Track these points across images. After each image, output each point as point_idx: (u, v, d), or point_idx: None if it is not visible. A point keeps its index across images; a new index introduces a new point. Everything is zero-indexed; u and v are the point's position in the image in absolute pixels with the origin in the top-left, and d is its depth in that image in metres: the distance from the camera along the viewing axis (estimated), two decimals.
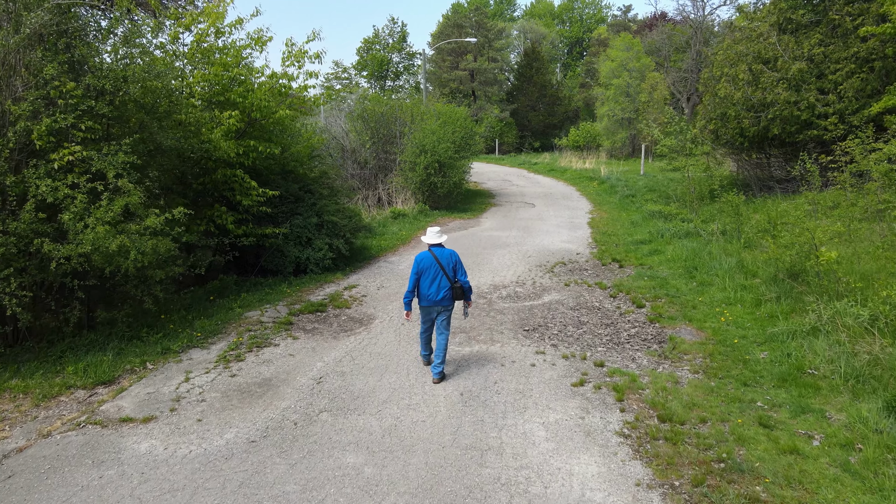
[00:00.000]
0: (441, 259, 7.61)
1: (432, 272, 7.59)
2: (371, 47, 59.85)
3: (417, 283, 7.70)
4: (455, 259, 7.72)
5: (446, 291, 7.59)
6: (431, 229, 7.82)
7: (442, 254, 7.68)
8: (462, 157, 23.64)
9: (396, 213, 20.40)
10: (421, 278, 7.64)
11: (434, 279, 7.57)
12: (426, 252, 7.74)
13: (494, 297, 11.47)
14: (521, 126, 52.57)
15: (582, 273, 13.27)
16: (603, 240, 16.60)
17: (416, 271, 7.65)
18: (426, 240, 7.77)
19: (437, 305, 7.64)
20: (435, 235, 7.76)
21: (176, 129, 10.13)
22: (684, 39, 47.87)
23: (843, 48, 17.83)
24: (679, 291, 11.35)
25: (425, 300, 7.64)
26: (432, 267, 7.60)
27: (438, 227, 8.86)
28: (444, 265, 7.59)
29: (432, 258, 7.63)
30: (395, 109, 23.64)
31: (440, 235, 7.79)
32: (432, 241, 7.72)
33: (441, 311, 7.72)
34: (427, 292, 7.60)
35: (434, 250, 7.71)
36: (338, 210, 13.41)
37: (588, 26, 71.18)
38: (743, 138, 19.60)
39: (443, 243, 7.83)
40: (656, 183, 27.23)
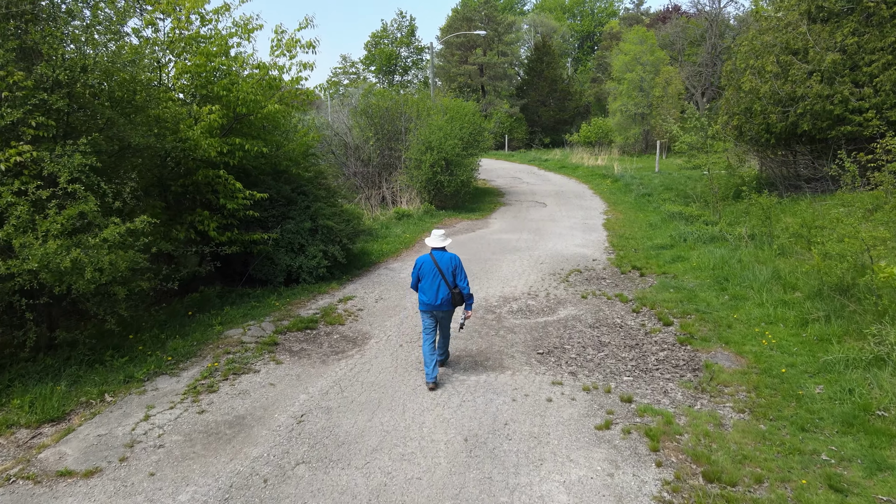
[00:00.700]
0: (440, 263, 7.31)
1: (431, 276, 7.33)
2: (379, 42, 58.65)
3: (418, 284, 7.50)
4: (455, 263, 7.37)
5: (445, 297, 7.31)
6: (436, 232, 7.51)
7: (442, 258, 7.36)
8: (470, 154, 22.41)
9: (401, 213, 19.23)
10: (420, 282, 7.44)
11: (433, 284, 7.32)
12: (426, 255, 7.47)
13: (504, 312, 10.28)
14: (532, 122, 51.21)
15: (600, 283, 12.05)
16: (620, 244, 15.35)
17: (415, 275, 7.49)
18: (429, 242, 7.49)
19: (436, 310, 7.39)
20: (438, 239, 7.44)
21: (151, 126, 8.99)
22: (699, 33, 46.37)
23: (879, 38, 16.46)
24: (710, 306, 10.12)
25: (424, 304, 7.42)
26: (431, 271, 7.33)
27: (444, 229, 8.44)
28: (444, 270, 7.29)
29: (432, 262, 7.35)
30: (400, 104, 22.44)
31: (444, 239, 7.47)
32: (435, 245, 7.43)
33: (441, 314, 7.48)
34: (426, 297, 7.36)
35: (435, 254, 7.41)
36: (334, 213, 12.24)
37: (599, 20, 69.54)
38: (769, 134, 18.26)
39: (446, 247, 7.52)
40: (672, 181, 25.91)
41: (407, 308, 10.52)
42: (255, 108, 10.57)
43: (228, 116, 10.64)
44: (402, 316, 10.10)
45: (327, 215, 12.01)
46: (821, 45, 16.82)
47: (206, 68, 10.26)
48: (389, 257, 14.45)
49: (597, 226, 18.07)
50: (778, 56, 17.67)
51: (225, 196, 10.19)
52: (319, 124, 22.72)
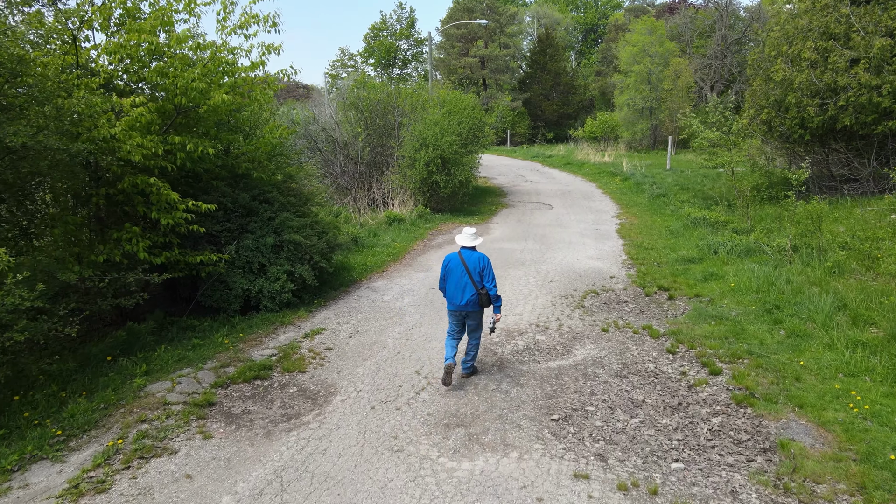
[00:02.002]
0: (468, 263, 6.96)
1: (457, 275, 6.99)
2: (378, 34, 56.26)
3: (444, 282, 7.14)
4: (483, 264, 6.99)
5: (471, 297, 6.94)
6: (468, 230, 7.12)
7: (470, 257, 7.00)
8: (469, 151, 20.21)
9: (392, 217, 17.07)
10: (447, 280, 7.09)
11: (459, 283, 6.98)
12: (455, 253, 7.12)
13: (508, 353, 8.14)
14: (534, 116, 48.86)
15: (621, 308, 9.90)
16: (640, 256, 13.17)
17: (442, 273, 7.16)
18: (459, 240, 7.08)
19: (463, 310, 7.02)
20: (469, 238, 7.05)
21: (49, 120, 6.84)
22: (708, 24, 44.02)
23: None
24: (764, 346, 7.95)
25: (450, 304, 7.09)
26: (458, 269, 6.99)
27: (475, 227, 7.74)
28: (471, 270, 6.92)
29: (459, 260, 7.01)
30: (393, 97, 20.23)
31: (475, 238, 7.08)
32: (465, 244, 7.03)
33: (468, 315, 7.07)
34: (452, 296, 7.04)
35: (463, 252, 7.04)
36: (304, 225, 10.08)
37: (603, 12, 66.95)
38: (803, 130, 16.05)
39: (476, 247, 7.13)
40: (687, 180, 23.69)
41: (387, 346, 8.38)
42: (201, 99, 8.40)
43: (167, 109, 8.49)
44: (379, 358, 7.96)
45: (295, 228, 9.86)
46: (867, 29, 14.58)
47: (135, 50, 8.09)
48: (374, 273, 12.29)
49: (610, 232, 15.89)
50: (815, 42, 15.43)
51: (159, 209, 8.04)
52: (304, 118, 20.55)
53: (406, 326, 9.14)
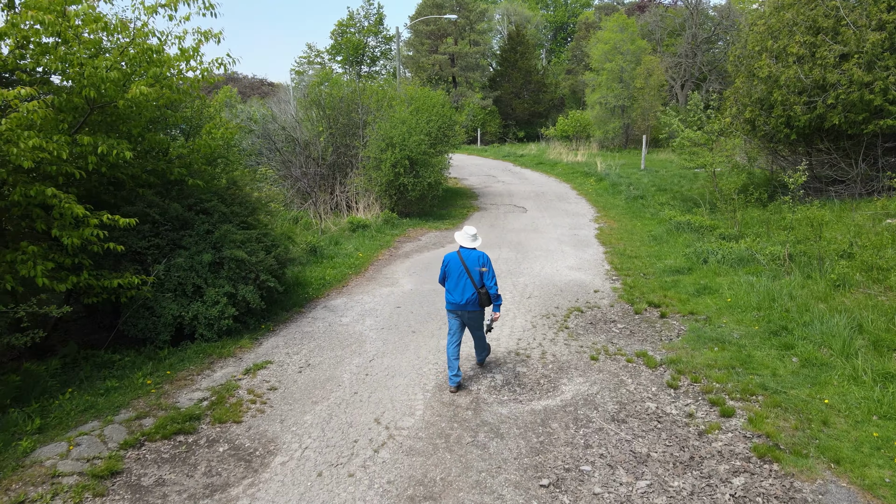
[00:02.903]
0: (467, 261, 6.80)
1: (456, 275, 6.80)
2: (345, 31, 54.56)
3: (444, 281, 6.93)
4: (483, 262, 6.83)
5: (471, 296, 6.72)
6: (467, 229, 6.95)
7: (469, 256, 6.84)
8: (439, 151, 18.93)
9: (356, 223, 15.69)
10: (447, 280, 6.88)
11: (458, 282, 6.77)
12: (454, 252, 6.94)
13: (484, 390, 6.89)
14: (505, 114, 47.75)
15: (609, 330, 8.73)
16: (624, 265, 12.05)
17: (442, 273, 6.96)
18: (459, 240, 6.95)
19: (462, 310, 6.80)
20: (468, 238, 6.90)
21: None
22: (679, 22, 43.42)
23: None
24: (778, 379, 6.84)
25: (449, 304, 6.87)
26: (457, 269, 6.81)
27: (475, 228, 7.09)
28: (471, 269, 6.76)
29: (458, 260, 6.83)
30: (357, 94, 18.82)
31: (474, 239, 6.92)
32: (464, 244, 6.88)
33: (468, 315, 6.84)
34: (451, 296, 6.82)
35: (462, 251, 6.87)
36: (249, 239, 8.69)
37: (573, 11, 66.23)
38: (790, 129, 15.12)
39: (476, 248, 6.93)
40: (664, 180, 22.77)
41: (342, 384, 7.05)
42: (116, 91, 6.96)
43: (77, 104, 7.03)
44: (332, 401, 6.63)
45: (238, 242, 8.46)
46: (858, 23, 13.67)
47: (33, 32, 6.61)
48: (333, 289, 10.94)
49: (589, 238, 14.76)
50: (803, 36, 14.50)
51: (62, 225, 6.58)
52: (262, 116, 19.03)
53: (366, 357, 7.83)
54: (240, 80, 54.31)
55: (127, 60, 7.21)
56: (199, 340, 7.97)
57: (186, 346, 7.88)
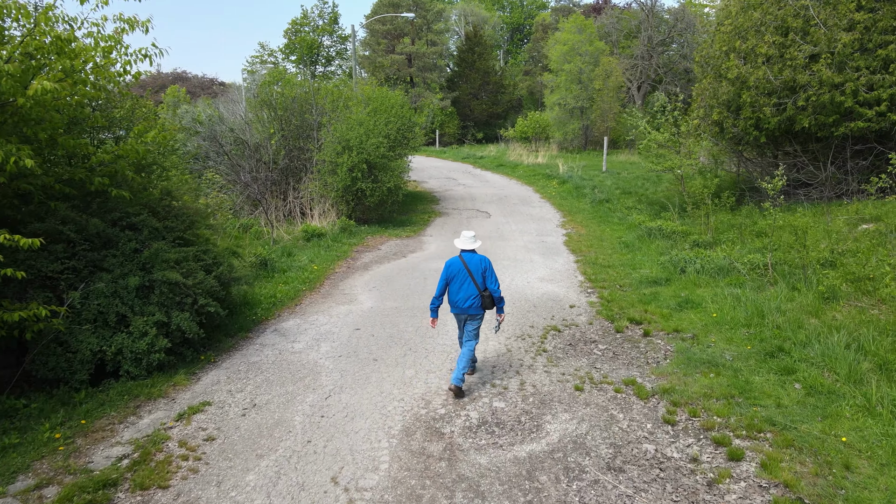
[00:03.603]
0: (470, 265, 6.72)
1: (460, 278, 6.73)
2: (299, 29, 52.85)
3: (446, 289, 6.84)
4: (485, 265, 6.76)
5: (474, 300, 6.69)
6: (466, 233, 6.86)
7: (471, 259, 6.76)
8: (399, 154, 17.93)
9: (311, 231, 14.55)
10: (450, 285, 6.79)
11: (462, 286, 6.71)
12: (455, 258, 6.84)
13: (458, 432, 5.95)
14: (463, 116, 46.93)
15: (591, 352, 7.91)
16: (598, 276, 11.29)
17: (444, 277, 6.80)
18: (458, 244, 6.84)
19: (465, 314, 6.76)
20: (468, 241, 6.81)
21: None
22: (634, 24, 43.40)
23: (891, 16, 13.06)
24: (784, 411, 6.09)
25: (454, 307, 6.83)
26: (461, 273, 6.74)
27: (472, 231, 7.05)
28: (473, 272, 6.68)
29: (461, 264, 6.75)
30: (311, 94, 17.65)
31: (473, 241, 6.86)
32: (464, 247, 6.79)
33: (469, 318, 6.82)
34: (455, 299, 6.76)
35: (464, 255, 6.79)
36: (186, 258, 7.55)
37: (529, 12, 65.98)
38: (759, 131, 14.66)
39: (476, 249, 6.86)
40: (627, 183, 22.27)
41: (294, 429, 6.01)
42: (14, 88, 5.75)
43: None
44: (281, 453, 5.58)
45: (172, 262, 7.31)
46: (828, 22, 13.26)
47: None
48: (284, 308, 9.83)
49: (558, 246, 13.99)
50: (772, 36, 14.04)
51: None
52: (209, 117, 17.69)
53: (321, 393, 6.79)
54: (189, 79, 52.18)
55: (30, 51, 6.00)
56: (124, 379, 6.80)
57: (109, 387, 6.70)
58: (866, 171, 14.01)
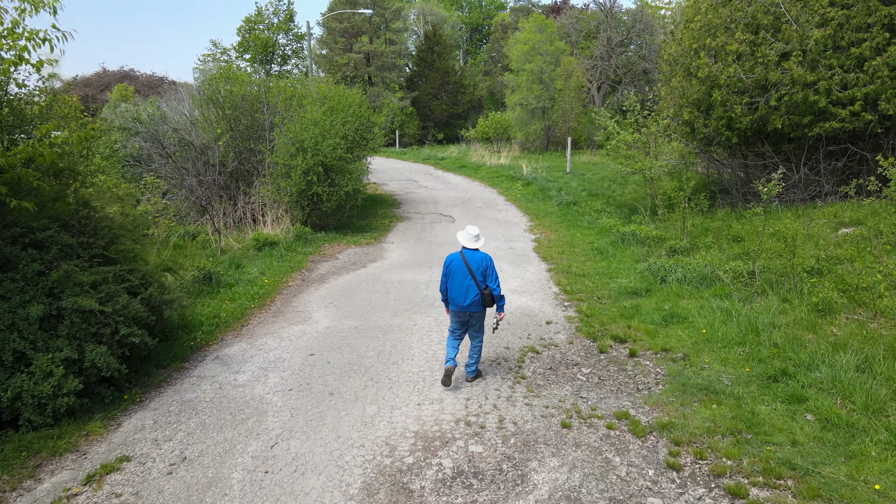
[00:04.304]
0: (470, 262, 6.53)
1: (460, 275, 6.55)
2: (254, 27, 50.99)
3: (447, 284, 6.64)
4: (486, 263, 6.57)
5: (474, 297, 6.52)
6: (470, 229, 6.68)
7: (472, 256, 6.57)
8: (357, 156, 16.85)
9: (262, 240, 13.35)
10: (448, 281, 6.61)
11: (461, 283, 6.53)
12: (456, 253, 6.65)
13: (429, 487, 4.97)
14: (423, 116, 45.92)
15: (575, 377, 7.03)
16: (573, 287, 10.45)
17: (444, 273, 6.67)
18: (461, 240, 6.68)
19: (465, 311, 6.60)
20: (471, 239, 6.62)
21: None
22: (594, 25, 43.14)
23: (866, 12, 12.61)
24: (801, 450, 5.29)
25: (453, 304, 6.64)
26: (460, 270, 6.55)
27: (476, 228, 6.69)
28: (473, 269, 6.50)
29: (461, 260, 6.57)
30: (262, 91, 16.40)
31: (476, 240, 6.63)
32: (467, 245, 6.62)
33: (471, 316, 6.68)
34: (454, 296, 6.58)
35: (465, 252, 6.60)
36: (105, 279, 6.37)
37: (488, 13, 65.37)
38: (730, 131, 14.09)
39: (479, 247, 6.63)
40: (593, 184, 21.63)
41: (231, 491, 4.92)
42: None
43: None
44: None
45: (87, 285, 6.12)
46: (799, 19, 12.74)
47: None
48: (229, 330, 8.67)
49: (527, 252, 13.13)
50: (742, 33, 13.47)
51: None
52: (149, 116, 16.27)
53: (267, 439, 5.72)
54: (137, 77, 49.75)
55: None
56: (24, 429, 5.59)
57: (4, 440, 5.49)
58: (840, 172, 13.58)
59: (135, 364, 6.76)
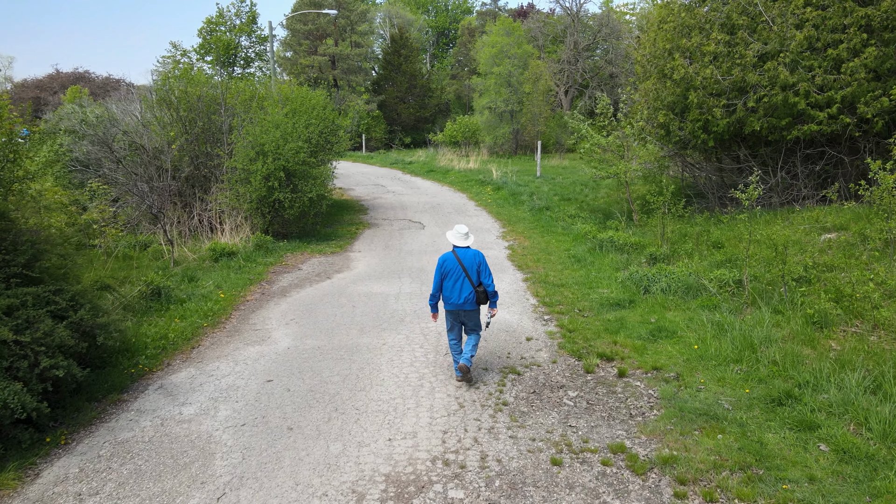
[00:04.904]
0: (464, 261, 6.59)
1: (455, 274, 6.59)
2: (215, 29, 49.45)
3: (441, 285, 6.65)
4: (479, 260, 6.65)
5: (469, 295, 6.56)
6: (459, 228, 6.72)
7: (465, 254, 6.63)
8: (322, 160, 15.99)
9: (219, 250, 12.40)
10: (444, 281, 6.63)
11: (456, 282, 6.57)
12: (450, 253, 6.69)
13: None
14: (390, 120, 45.09)
15: (561, 402, 6.35)
16: (552, 298, 9.81)
17: (439, 274, 6.65)
18: (451, 240, 6.70)
19: (460, 309, 6.63)
20: (461, 237, 6.65)
21: None
22: (560, 29, 42.96)
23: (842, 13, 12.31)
24: (822, 488, 4.69)
25: (448, 303, 6.66)
26: (455, 269, 6.59)
27: (466, 227, 6.73)
28: (468, 267, 6.58)
29: (455, 260, 6.59)
30: (219, 92, 15.43)
31: (466, 238, 6.67)
32: (457, 243, 6.65)
33: (466, 315, 6.69)
34: (449, 295, 6.61)
35: (458, 251, 6.65)
36: (23, 303, 5.45)
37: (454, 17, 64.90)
38: (707, 134, 13.68)
39: (469, 245, 6.68)
40: (565, 189, 21.16)
41: None
42: None
43: None
44: None
45: (1, 310, 5.20)
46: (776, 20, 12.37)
47: None
48: (177, 353, 7.76)
49: (501, 261, 12.47)
50: (718, 34, 13.06)
51: None
52: (97, 119, 15.16)
53: (213, 489, 4.88)
54: (92, 79, 47.77)
55: None
56: None
57: None
58: (817, 176, 13.27)
59: (62, 398, 5.86)
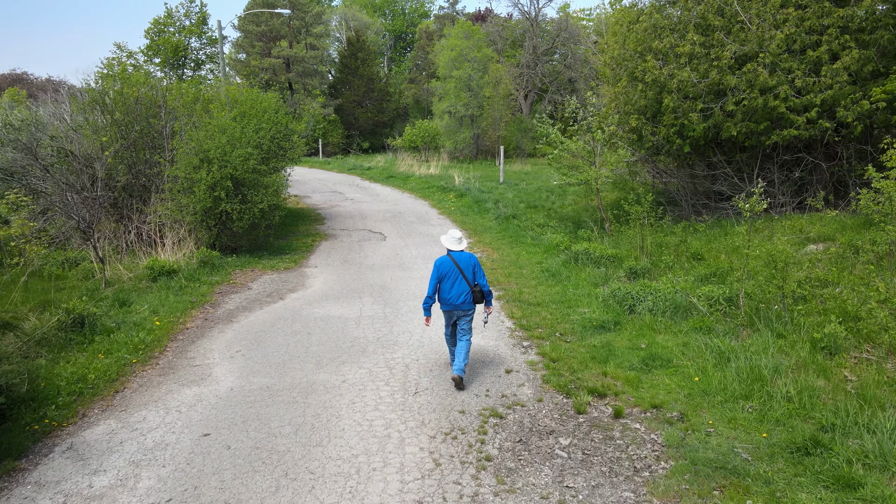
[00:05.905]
0: (460, 262, 6.77)
1: (452, 276, 6.75)
2: (163, 30, 47.16)
3: (438, 288, 6.81)
4: (474, 262, 6.86)
5: (466, 295, 6.74)
6: (453, 232, 6.96)
7: (460, 256, 6.81)
8: (274, 168, 14.72)
9: (158, 268, 11.04)
10: (442, 283, 6.80)
11: (453, 283, 6.75)
12: (445, 256, 6.85)
13: None
14: (348, 124, 43.72)
15: (553, 452, 5.38)
16: (530, 320, 8.85)
17: (436, 276, 6.79)
18: (445, 244, 6.89)
19: (457, 310, 6.78)
20: (455, 242, 6.86)
21: None
22: (519, 33, 42.41)
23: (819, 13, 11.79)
24: None
25: (445, 304, 6.81)
26: (452, 271, 6.75)
27: (459, 232, 6.93)
28: (464, 269, 6.75)
29: (451, 262, 6.77)
30: (159, 93, 14.00)
31: (460, 242, 6.88)
32: (451, 247, 6.83)
33: (461, 315, 6.82)
34: (447, 296, 6.77)
35: (453, 254, 6.81)
36: None
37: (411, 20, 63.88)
38: (682, 139, 13.02)
39: (464, 248, 6.89)
40: (529, 195, 20.36)
41: None
42: None
43: None
44: None
45: None
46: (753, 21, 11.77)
47: None
48: (97, 400, 6.48)
49: None
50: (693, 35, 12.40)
51: None
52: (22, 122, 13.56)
53: None
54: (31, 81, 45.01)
55: None
56: None
57: None
58: (794, 183, 12.74)
59: None
